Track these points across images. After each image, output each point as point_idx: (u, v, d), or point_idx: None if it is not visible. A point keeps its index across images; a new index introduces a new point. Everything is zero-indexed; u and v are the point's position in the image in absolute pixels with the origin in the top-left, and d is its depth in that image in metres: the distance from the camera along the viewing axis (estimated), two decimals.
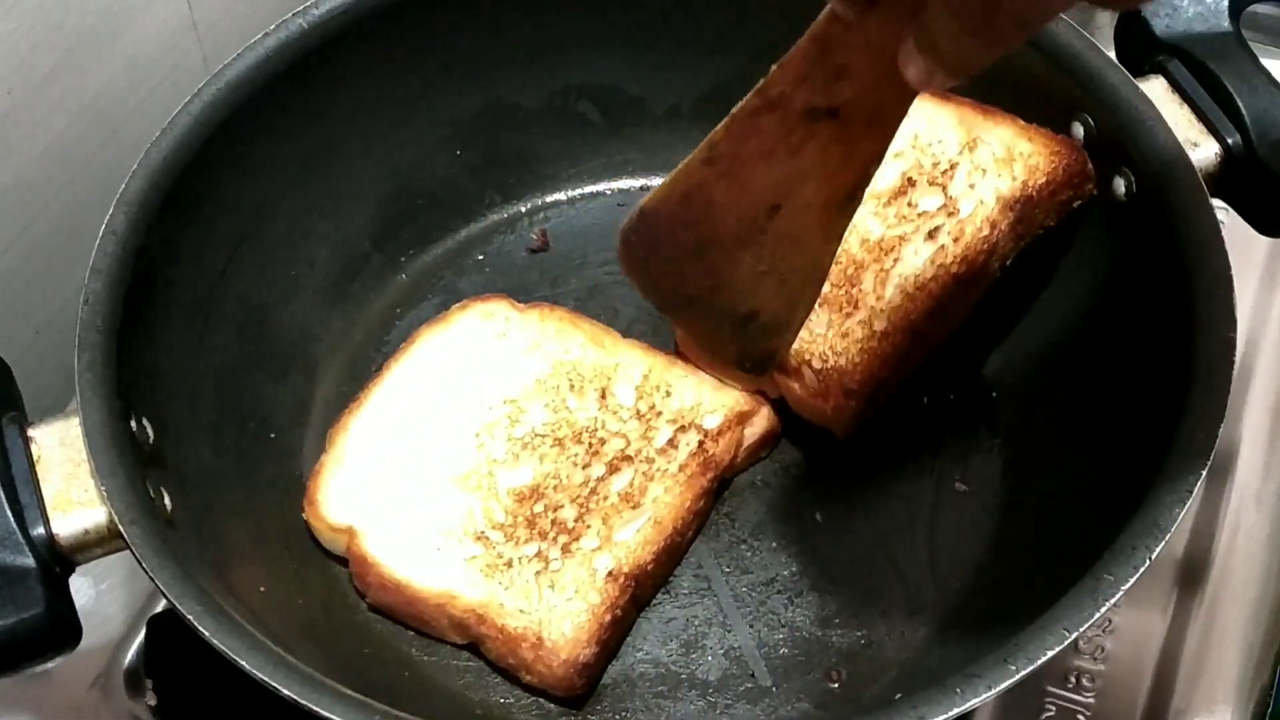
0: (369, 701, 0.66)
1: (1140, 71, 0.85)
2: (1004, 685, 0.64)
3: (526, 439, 0.83)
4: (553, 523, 0.80)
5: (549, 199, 1.01)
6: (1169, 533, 0.67)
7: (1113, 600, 0.65)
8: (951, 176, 0.88)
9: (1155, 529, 0.67)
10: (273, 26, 0.87)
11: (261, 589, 0.77)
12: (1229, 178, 0.82)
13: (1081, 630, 0.65)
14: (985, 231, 0.85)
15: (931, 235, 0.86)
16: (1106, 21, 0.91)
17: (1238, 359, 0.72)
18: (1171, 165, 0.79)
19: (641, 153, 0.99)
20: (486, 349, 0.88)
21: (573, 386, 0.85)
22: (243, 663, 0.65)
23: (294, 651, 0.68)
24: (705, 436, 0.82)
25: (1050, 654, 0.64)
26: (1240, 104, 0.82)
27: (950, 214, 0.86)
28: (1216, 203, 0.79)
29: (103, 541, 0.71)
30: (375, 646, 0.81)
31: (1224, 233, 0.76)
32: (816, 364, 0.83)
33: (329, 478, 0.83)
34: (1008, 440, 0.87)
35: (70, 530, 0.70)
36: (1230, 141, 0.82)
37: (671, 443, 0.82)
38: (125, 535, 0.69)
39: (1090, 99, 0.84)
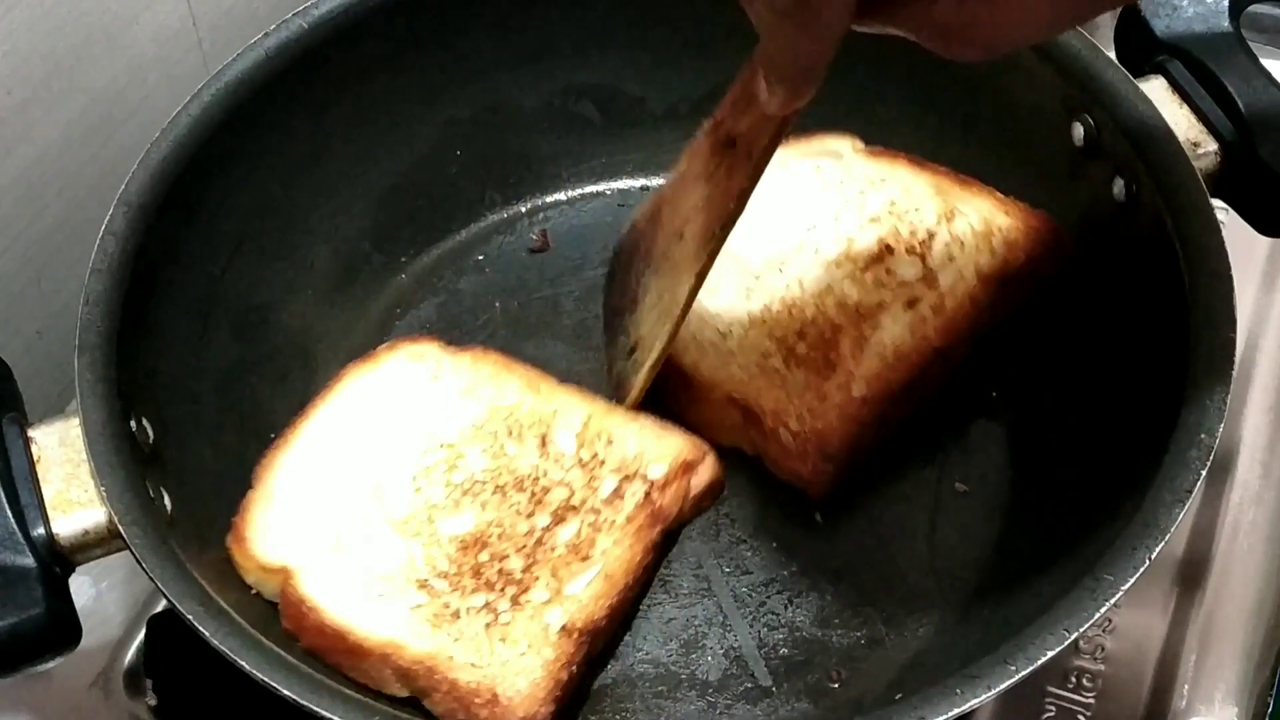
0: (369, 701, 0.66)
1: (1140, 71, 0.85)
2: (1004, 685, 0.64)
3: (466, 484, 0.80)
4: (499, 573, 0.76)
5: (549, 199, 1.01)
6: (1169, 533, 0.67)
7: (1113, 600, 0.65)
8: (930, 246, 0.88)
9: (1155, 529, 0.67)
10: (273, 26, 0.87)
11: (254, 591, 0.77)
12: (1229, 178, 0.83)
13: (1081, 630, 0.65)
14: (966, 306, 0.85)
15: (910, 305, 0.86)
16: (1106, 21, 0.91)
17: (1238, 359, 0.72)
18: (1171, 165, 0.79)
19: (641, 153, 0.99)
20: (419, 390, 0.84)
21: (511, 432, 0.82)
22: (243, 663, 0.66)
23: (292, 652, 0.68)
24: (651, 487, 0.79)
25: (1050, 654, 0.64)
26: (1240, 104, 0.82)
27: (930, 286, 0.86)
28: (1216, 203, 0.79)
29: (103, 542, 0.71)
30: None
31: (1224, 233, 0.76)
32: (794, 425, 0.82)
33: (259, 514, 0.78)
34: (1008, 441, 0.87)
35: (70, 530, 0.70)
36: (1230, 141, 0.82)
37: (617, 493, 0.79)
38: (125, 535, 0.69)
39: (1090, 99, 0.84)
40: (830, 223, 0.90)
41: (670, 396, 0.86)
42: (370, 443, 0.82)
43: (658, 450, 0.81)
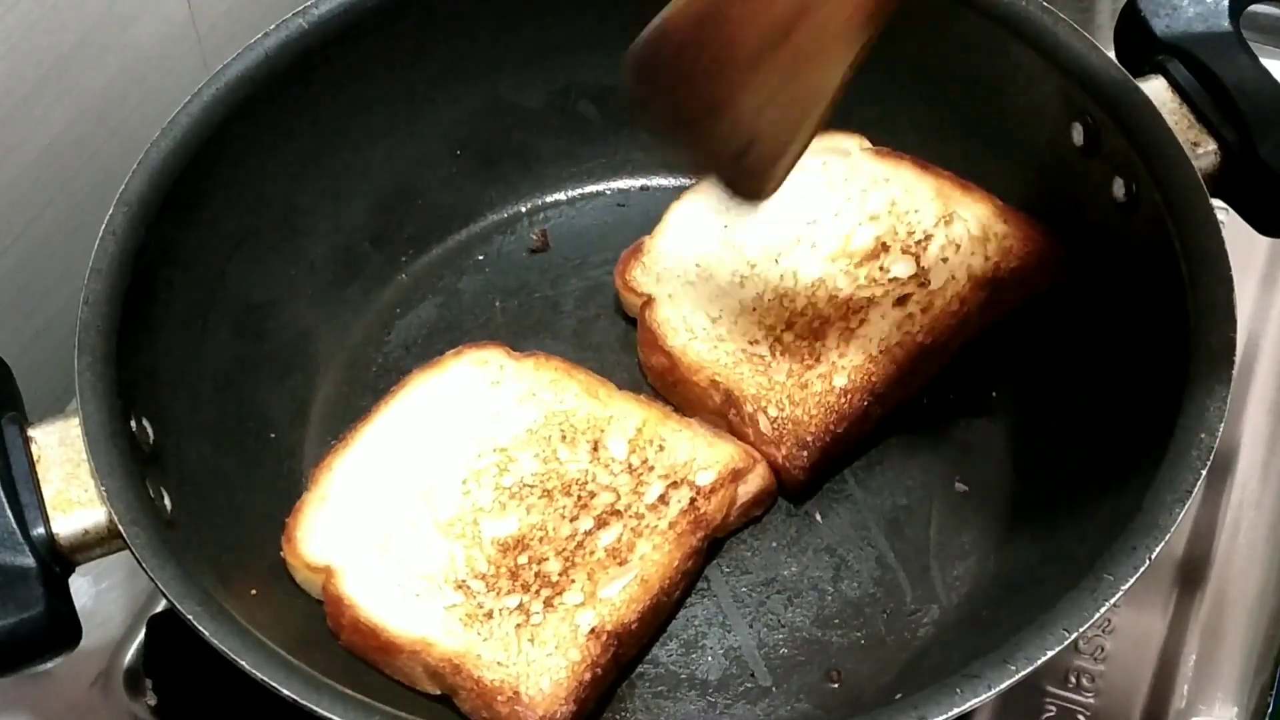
0: (369, 701, 0.66)
1: (1140, 71, 0.85)
2: (1004, 685, 0.64)
3: (514, 488, 0.81)
4: (536, 575, 0.78)
5: (549, 199, 1.01)
6: (1169, 533, 0.67)
7: (1113, 600, 0.65)
8: (925, 247, 0.89)
9: (1155, 529, 0.67)
10: (273, 26, 0.87)
11: (253, 591, 0.77)
12: (1229, 178, 0.82)
13: (1081, 630, 0.65)
14: (955, 307, 0.86)
15: (900, 302, 0.87)
16: (1106, 21, 0.91)
17: (1238, 359, 0.72)
18: (1171, 165, 0.79)
19: (641, 153, 0.99)
20: (479, 396, 0.86)
21: (564, 437, 0.83)
22: (243, 663, 0.66)
23: (292, 652, 0.68)
24: (697, 494, 0.80)
25: (1050, 654, 0.64)
26: (1240, 104, 0.82)
27: (921, 284, 0.87)
28: (1216, 203, 0.78)
29: (103, 541, 0.71)
30: None
31: (1224, 233, 0.76)
32: (773, 411, 0.83)
33: (310, 516, 0.81)
34: (1008, 440, 0.87)
35: (70, 530, 0.70)
36: (1230, 141, 0.82)
37: (662, 499, 0.80)
38: (125, 535, 0.69)
39: (1090, 99, 0.83)
40: (830, 218, 0.91)
41: (655, 374, 0.88)
42: (426, 446, 0.84)
43: (708, 457, 0.82)
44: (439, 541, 0.80)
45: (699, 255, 0.91)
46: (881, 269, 0.88)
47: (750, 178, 0.78)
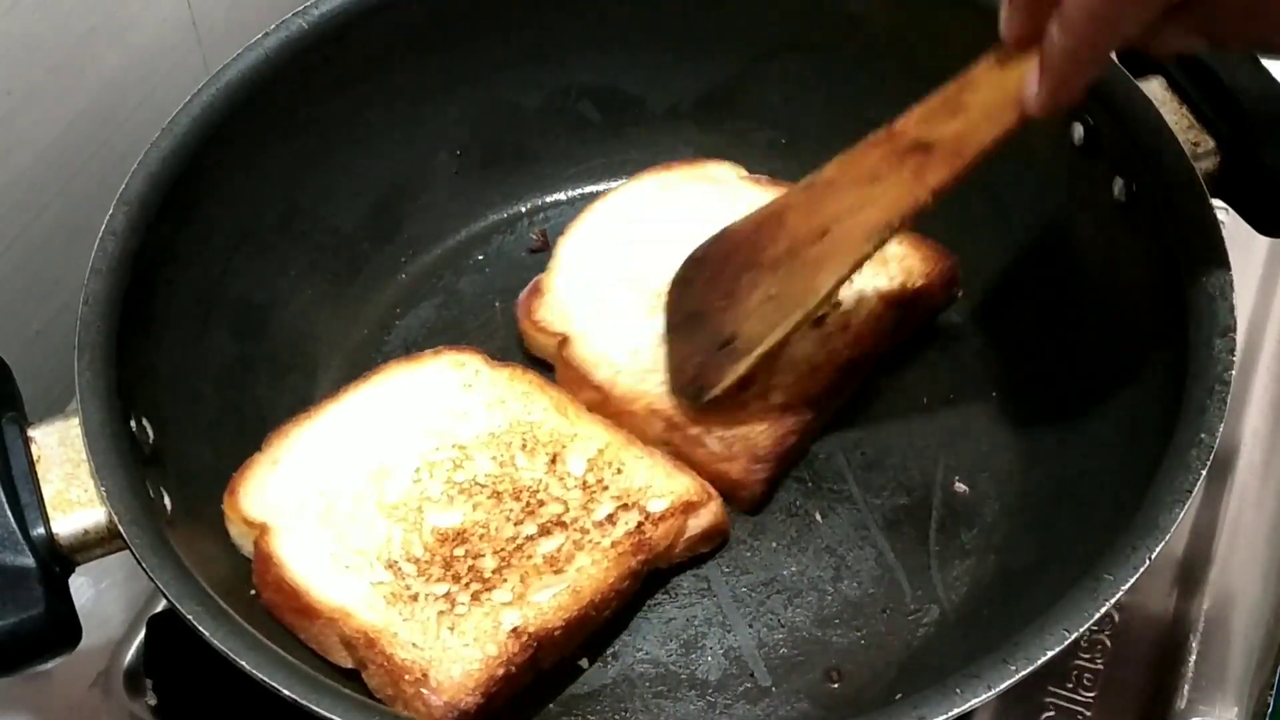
0: (369, 702, 0.66)
1: (1140, 71, 0.85)
2: (1004, 685, 0.64)
3: (465, 485, 0.82)
4: (469, 569, 0.78)
5: (549, 199, 1.01)
6: (1169, 533, 0.67)
7: (1113, 600, 0.65)
8: None
9: (1155, 529, 0.67)
10: (273, 26, 0.87)
11: (253, 591, 0.77)
12: (1229, 178, 0.82)
13: (1081, 630, 0.65)
14: (872, 325, 0.88)
15: (818, 323, 0.88)
16: None
17: (1238, 359, 0.72)
18: (1171, 165, 0.79)
19: (641, 153, 0.99)
20: (450, 395, 0.86)
21: (525, 446, 0.83)
22: (243, 663, 0.66)
23: (292, 652, 0.68)
24: (646, 519, 0.80)
25: (1050, 654, 0.64)
26: (1240, 104, 0.82)
27: (834, 305, 0.89)
28: (1216, 203, 0.78)
29: (103, 541, 0.71)
30: None
31: (1224, 233, 0.76)
32: (719, 431, 0.84)
33: (257, 475, 0.82)
34: (1008, 441, 0.87)
35: (70, 530, 0.70)
36: (1230, 141, 0.82)
37: (610, 518, 0.80)
38: (125, 535, 0.69)
39: (1090, 99, 0.83)
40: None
41: (595, 407, 0.87)
42: (386, 431, 0.84)
43: (664, 486, 0.82)
44: (380, 521, 0.80)
45: (602, 291, 0.91)
46: None
47: (715, 374, 0.83)
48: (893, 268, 0.90)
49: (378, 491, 0.82)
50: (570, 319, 0.90)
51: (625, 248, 0.93)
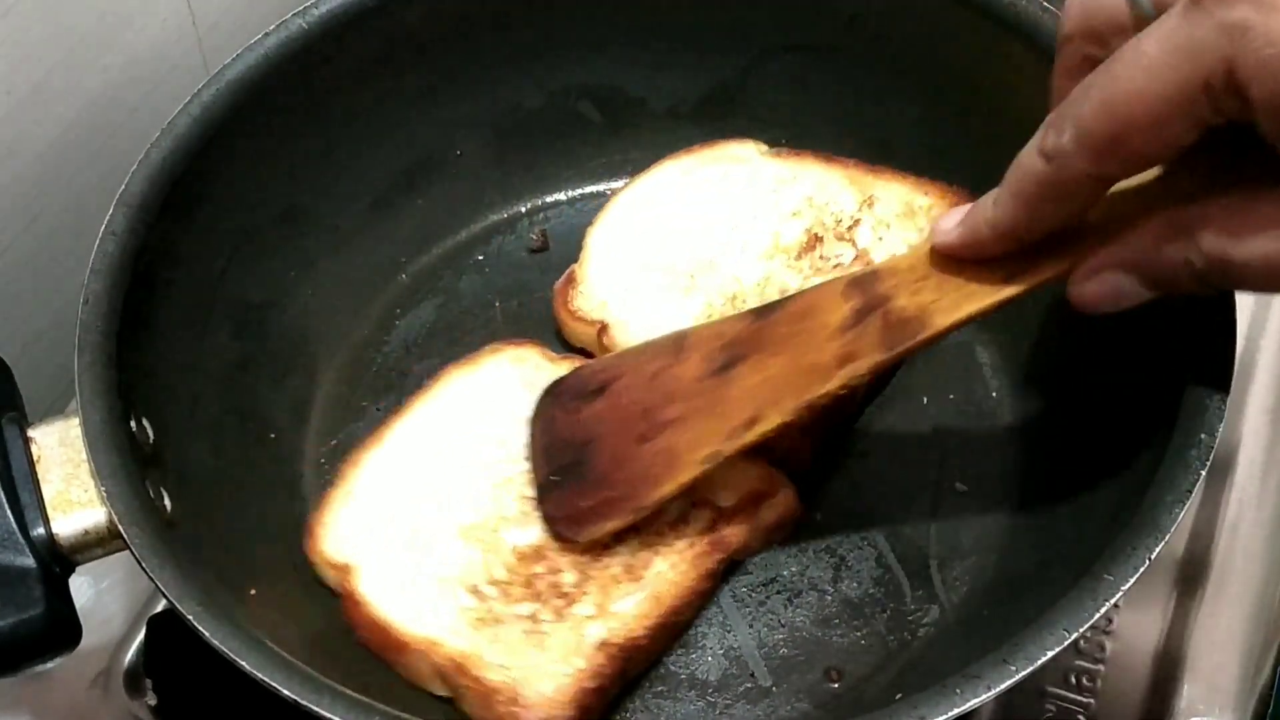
0: (369, 701, 0.66)
1: None
2: (1004, 685, 0.63)
3: None
4: (550, 585, 0.78)
5: (549, 199, 1.01)
6: (1168, 533, 0.67)
7: (1113, 600, 0.65)
8: (856, 230, 0.90)
9: (1155, 529, 0.67)
10: (273, 26, 0.87)
11: (253, 591, 0.77)
12: None
13: (1081, 630, 0.64)
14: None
15: None
16: None
17: (1238, 359, 0.72)
18: None
19: (641, 153, 0.99)
20: (512, 396, 0.85)
21: None
22: (243, 663, 0.65)
23: (293, 652, 0.68)
24: (718, 516, 0.80)
25: (1050, 654, 0.64)
26: None
27: (867, 264, 0.88)
28: None
29: (103, 542, 0.71)
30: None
31: None
32: None
33: (335, 513, 0.81)
34: (1008, 441, 0.87)
35: (70, 530, 0.70)
36: None
37: (683, 518, 0.79)
38: (125, 535, 0.69)
39: None
40: (750, 221, 0.92)
41: None
42: (456, 448, 0.83)
43: (731, 479, 0.81)
44: (458, 546, 0.79)
45: (635, 277, 0.91)
46: (822, 257, 0.89)
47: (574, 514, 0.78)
48: (920, 219, 0.89)
49: (454, 514, 0.81)
50: (607, 306, 0.90)
51: (654, 232, 0.93)
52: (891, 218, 0.90)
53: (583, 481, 0.78)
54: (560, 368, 0.86)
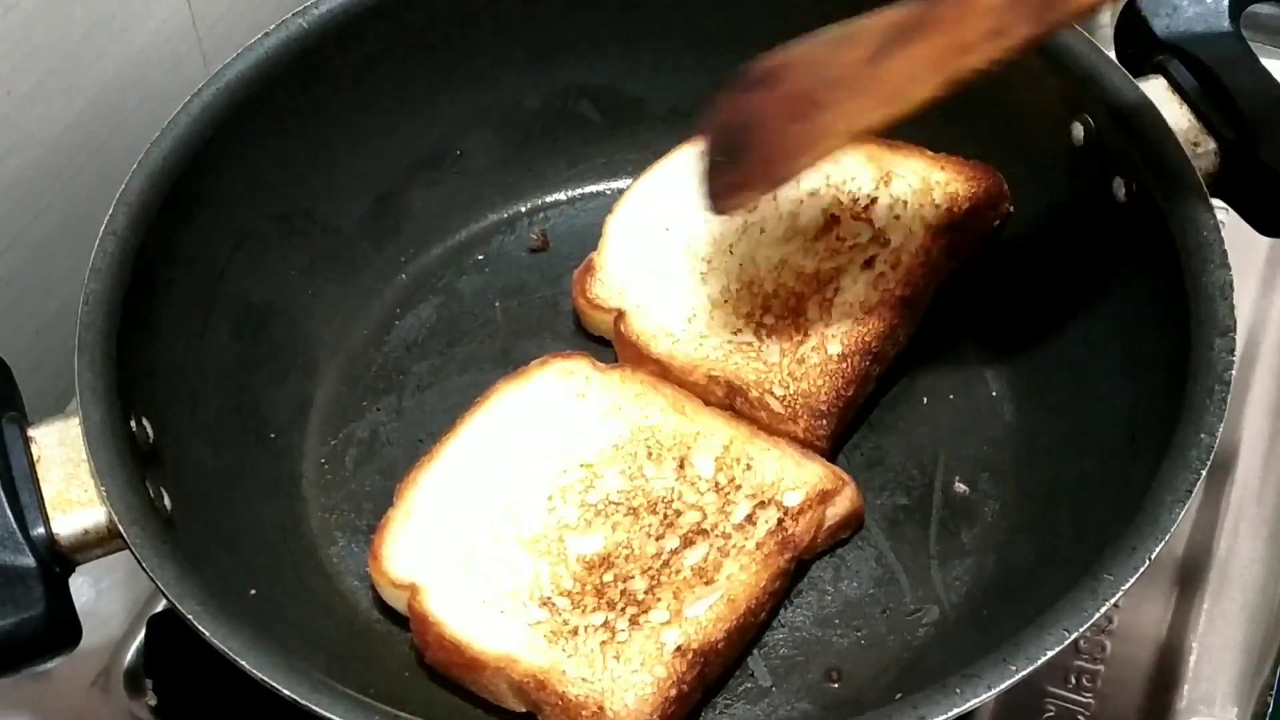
0: (369, 701, 0.66)
1: (1140, 71, 0.85)
2: (1004, 685, 0.64)
3: (600, 505, 0.81)
4: (622, 593, 0.77)
5: (549, 199, 1.01)
6: (1169, 533, 0.67)
7: (1113, 600, 0.65)
8: (873, 209, 0.90)
9: (1155, 529, 0.67)
10: (273, 26, 0.87)
11: (253, 591, 0.77)
12: (1229, 178, 0.82)
13: (1081, 630, 0.65)
14: (922, 258, 0.88)
15: (868, 265, 0.88)
16: (1106, 21, 0.91)
17: (1238, 359, 0.72)
18: (1171, 165, 0.79)
19: (641, 153, 0.99)
20: (564, 408, 0.85)
21: (650, 454, 0.82)
22: (243, 663, 0.65)
23: (292, 652, 0.68)
24: (785, 514, 0.79)
25: (1050, 654, 0.64)
26: (1240, 104, 0.82)
27: (882, 244, 0.89)
28: (1216, 203, 0.78)
29: (103, 541, 0.71)
30: (374, 650, 0.81)
31: (1224, 233, 0.76)
32: (779, 390, 0.84)
33: (395, 532, 0.80)
34: (1008, 441, 0.87)
35: (70, 530, 0.70)
36: (1230, 141, 0.82)
37: (750, 519, 0.79)
38: (125, 535, 0.69)
39: (1090, 99, 0.84)
40: (768, 201, 0.92)
41: (657, 378, 0.87)
42: (511, 461, 0.83)
43: (796, 477, 0.81)
44: (524, 558, 0.79)
45: (652, 262, 0.91)
46: (839, 239, 0.90)
47: (749, 181, 0.80)
48: (937, 194, 0.89)
49: (515, 527, 0.80)
50: (625, 294, 0.90)
51: (671, 219, 0.93)
52: (908, 193, 0.90)
53: (738, 162, 0.79)
54: (609, 378, 0.86)
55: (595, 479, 0.82)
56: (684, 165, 0.95)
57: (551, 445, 0.84)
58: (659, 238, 0.92)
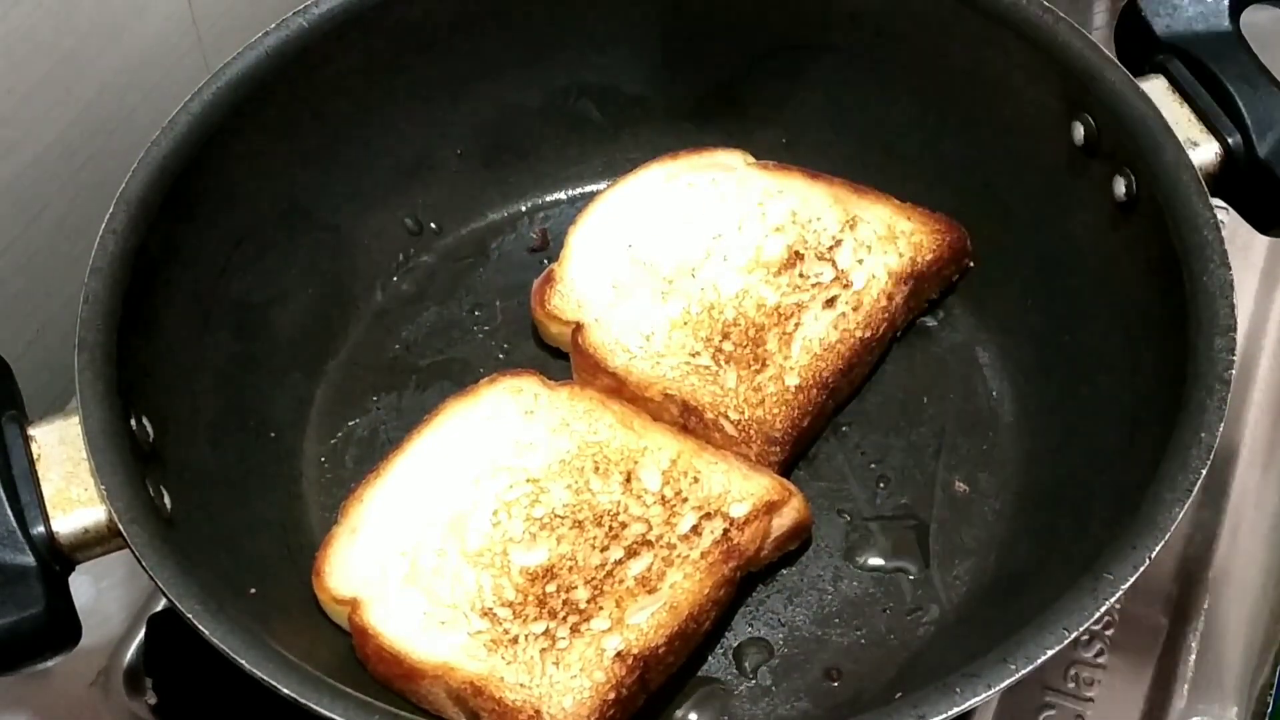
0: (369, 701, 0.66)
1: (1140, 71, 0.85)
2: (1003, 684, 0.64)
3: (545, 519, 0.81)
4: (564, 603, 0.77)
5: (549, 199, 1.01)
6: (1168, 532, 0.67)
7: (1112, 600, 0.65)
8: (837, 251, 0.91)
9: (1155, 529, 0.67)
10: (273, 26, 0.87)
11: (253, 591, 0.77)
12: (1229, 178, 0.82)
13: (1081, 630, 0.65)
14: (883, 303, 0.89)
15: (830, 303, 0.89)
16: (1106, 21, 0.91)
17: (1238, 359, 0.72)
18: (1171, 165, 0.79)
19: (641, 153, 0.99)
20: (512, 425, 0.85)
21: (597, 468, 0.82)
22: (243, 662, 0.66)
23: (291, 651, 0.68)
24: (730, 525, 0.79)
25: (1050, 653, 0.64)
26: (1240, 104, 0.82)
27: (845, 285, 0.89)
28: (1216, 203, 0.78)
29: (102, 540, 0.71)
30: None
31: (1224, 233, 0.76)
32: (734, 415, 0.84)
33: (339, 549, 0.81)
34: (1008, 441, 0.87)
35: (70, 529, 0.70)
36: (1230, 141, 0.82)
37: (695, 530, 0.79)
38: (125, 534, 0.69)
39: (1090, 99, 0.83)
40: (734, 232, 0.93)
41: (611, 394, 0.87)
42: (457, 477, 0.83)
43: (743, 489, 0.81)
44: (467, 571, 0.79)
45: (613, 277, 0.91)
46: (801, 275, 0.90)
47: None
48: (902, 244, 0.90)
49: (459, 541, 0.80)
50: (584, 307, 0.90)
51: (635, 235, 0.93)
52: (872, 239, 0.90)
53: None
54: (557, 395, 0.86)
55: (541, 493, 0.82)
56: (650, 182, 0.95)
57: (498, 461, 0.84)
58: (621, 253, 0.92)
